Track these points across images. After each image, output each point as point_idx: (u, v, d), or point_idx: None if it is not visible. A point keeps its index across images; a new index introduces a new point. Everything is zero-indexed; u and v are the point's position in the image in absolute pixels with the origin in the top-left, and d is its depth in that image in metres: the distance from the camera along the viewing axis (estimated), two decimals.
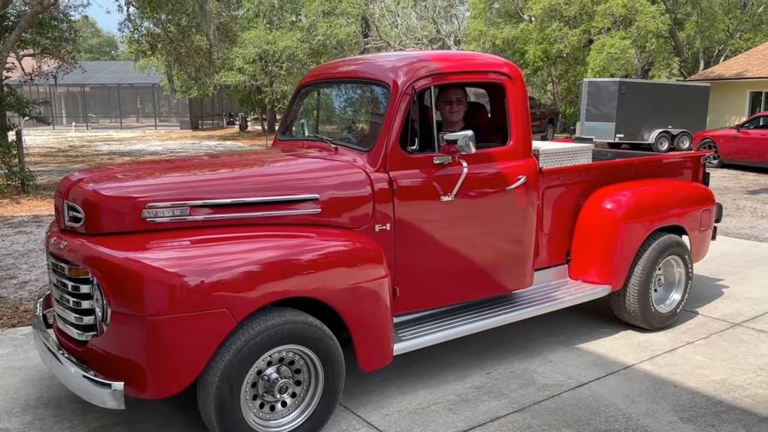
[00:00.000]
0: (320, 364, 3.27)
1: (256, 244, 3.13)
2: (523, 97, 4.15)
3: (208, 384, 2.99)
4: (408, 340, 3.74)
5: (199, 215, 3.23)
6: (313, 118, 4.62)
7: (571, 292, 4.57)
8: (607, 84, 20.61)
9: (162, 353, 2.88)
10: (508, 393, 3.91)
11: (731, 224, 9.15)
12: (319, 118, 4.60)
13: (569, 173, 4.63)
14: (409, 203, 3.72)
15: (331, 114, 4.57)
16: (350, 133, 4.23)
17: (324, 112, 4.57)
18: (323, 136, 4.14)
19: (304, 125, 4.67)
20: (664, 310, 4.92)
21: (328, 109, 4.56)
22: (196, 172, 3.50)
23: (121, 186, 3.23)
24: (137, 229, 3.14)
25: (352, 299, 3.33)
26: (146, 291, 2.85)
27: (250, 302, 2.99)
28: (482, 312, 4.18)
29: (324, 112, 4.57)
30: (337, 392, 3.36)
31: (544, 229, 4.57)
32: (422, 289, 3.89)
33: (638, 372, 4.21)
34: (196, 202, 3.22)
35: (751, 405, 3.78)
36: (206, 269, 2.92)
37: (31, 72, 20.90)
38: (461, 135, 3.69)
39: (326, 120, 4.56)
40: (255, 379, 3.15)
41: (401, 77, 3.74)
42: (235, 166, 3.71)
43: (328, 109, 4.56)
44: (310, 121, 4.63)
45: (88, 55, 57.85)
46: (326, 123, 4.55)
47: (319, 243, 3.32)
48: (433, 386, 4.00)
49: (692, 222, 5.11)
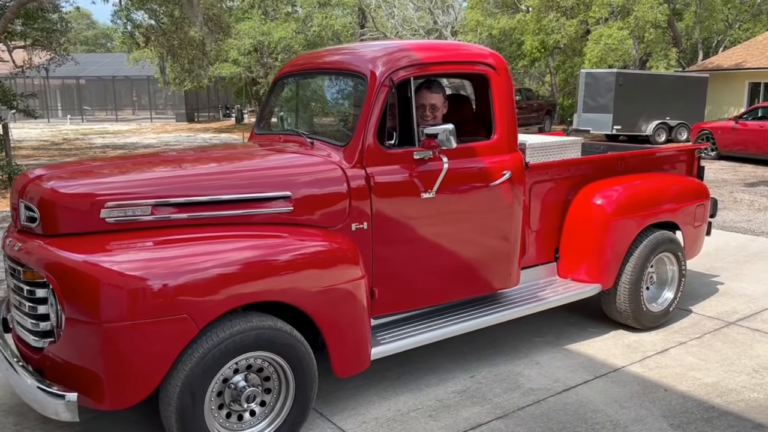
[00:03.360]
0: (291, 371, 3.11)
1: (220, 245, 2.96)
2: (509, 89, 3.97)
3: (169, 394, 2.83)
4: (387, 344, 3.58)
5: (161, 214, 3.06)
6: (291, 111, 4.44)
7: (559, 291, 4.41)
8: (605, 75, 20.38)
9: (118, 362, 2.72)
10: (492, 398, 3.75)
11: (728, 217, 8.98)
12: (297, 111, 4.42)
13: (557, 168, 4.46)
14: (387, 201, 3.55)
15: (309, 107, 4.39)
16: (327, 127, 4.05)
17: (302, 105, 4.39)
18: (300, 130, 3.96)
19: (282, 118, 4.49)
20: (656, 309, 4.76)
21: (306, 101, 4.38)
22: (159, 169, 3.32)
23: (79, 184, 3.05)
24: (96, 229, 2.97)
25: (325, 302, 3.17)
26: (100, 296, 2.68)
27: (212, 307, 2.82)
28: (466, 313, 4.02)
29: (302, 105, 4.39)
30: (309, 400, 3.20)
31: (531, 226, 4.40)
32: (402, 290, 3.72)
33: (628, 375, 4.05)
34: (158, 201, 3.05)
35: (745, 410, 3.63)
36: (165, 273, 2.75)
37: (23, 64, 20.66)
38: (441, 129, 3.52)
39: (304, 113, 4.38)
40: (221, 388, 2.98)
41: (379, 68, 3.57)
42: (202, 162, 3.53)
43: (306, 101, 4.38)
44: (288, 114, 4.45)
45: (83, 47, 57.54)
46: (304, 116, 4.37)
47: (289, 243, 3.15)
48: (414, 391, 3.84)
49: (686, 218, 4.94)
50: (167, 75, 27.39)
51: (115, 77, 40.42)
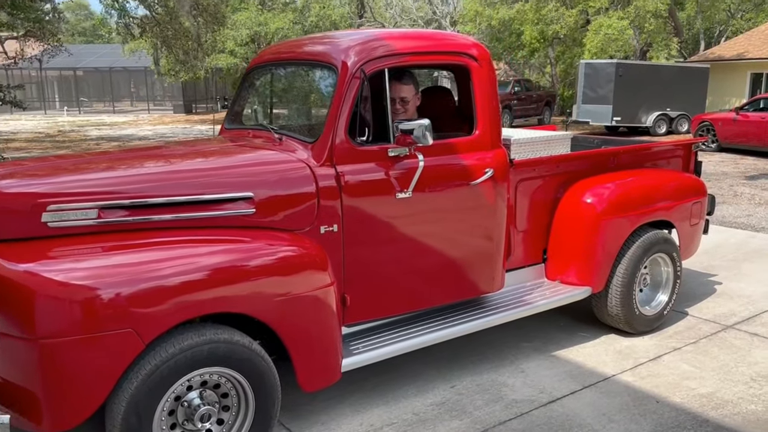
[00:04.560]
0: (250, 387, 2.88)
1: (171, 252, 2.73)
2: (491, 81, 3.72)
3: (113, 413, 2.60)
4: (360, 354, 3.35)
5: (109, 218, 2.82)
6: (263, 104, 4.20)
7: (546, 294, 4.17)
8: (604, 66, 20.10)
9: (56, 381, 2.49)
10: (472, 411, 3.53)
11: (727, 212, 8.73)
12: (269, 105, 4.18)
13: (545, 164, 4.21)
14: (359, 201, 3.32)
15: (280, 100, 4.14)
16: (297, 121, 3.81)
17: (273, 98, 4.14)
18: (269, 125, 3.72)
19: (255, 112, 4.25)
20: (649, 312, 4.53)
21: (279, 93, 4.13)
22: (109, 168, 3.07)
23: (19, 184, 2.81)
24: (38, 234, 2.74)
25: (288, 312, 2.93)
26: (35, 310, 2.45)
27: (159, 321, 2.59)
28: (448, 319, 3.78)
29: (273, 98, 4.14)
30: (270, 418, 2.97)
31: (517, 226, 4.16)
32: (377, 296, 3.49)
33: (618, 384, 3.83)
34: (106, 203, 2.82)
35: (741, 424, 3.40)
36: (107, 283, 2.51)
37: (15, 56, 20.37)
38: (417, 124, 3.27)
39: (275, 107, 4.14)
40: (173, 406, 2.76)
41: (351, 58, 3.32)
42: (158, 160, 3.29)
43: (278, 93, 4.13)
44: (259, 107, 4.21)
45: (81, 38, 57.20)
46: (275, 110, 4.12)
47: (250, 249, 2.91)
48: (390, 403, 3.61)
49: (681, 216, 4.69)
50: (161, 66, 27.08)
51: (113, 68, 40.10)
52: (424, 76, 14.15)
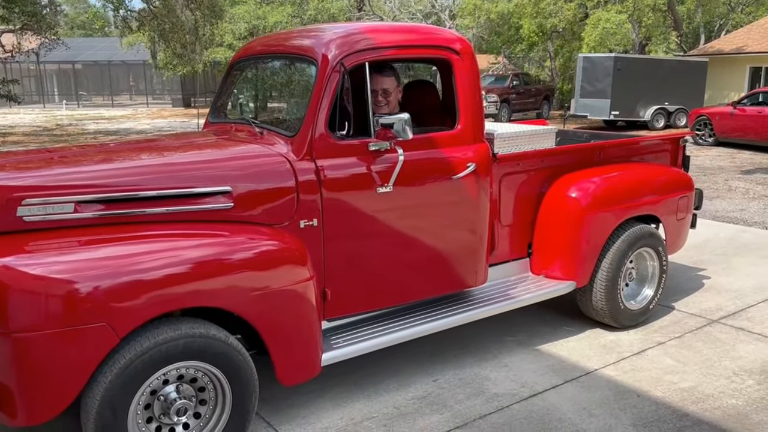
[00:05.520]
0: (227, 381, 2.88)
1: (146, 245, 2.73)
2: (473, 76, 3.72)
3: (88, 407, 2.61)
4: (341, 348, 3.35)
5: (86, 212, 2.82)
6: (246, 98, 4.19)
7: (531, 288, 4.18)
8: (602, 59, 20.06)
9: (30, 374, 2.49)
10: (453, 404, 3.53)
11: (720, 206, 8.72)
12: (251, 99, 4.17)
13: (529, 159, 4.20)
14: (339, 195, 3.31)
15: (263, 93, 4.14)
16: (278, 115, 3.80)
17: (256, 92, 4.14)
18: (250, 119, 3.72)
19: (240, 105, 4.25)
20: (634, 306, 4.53)
21: (261, 87, 4.12)
22: (87, 162, 3.07)
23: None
24: (13, 228, 2.73)
25: (266, 307, 2.93)
26: (8, 303, 2.45)
27: (134, 315, 2.59)
28: (430, 313, 3.79)
29: (256, 92, 4.14)
30: (247, 412, 2.98)
31: (501, 220, 4.16)
32: (358, 290, 3.49)
33: (600, 378, 3.83)
34: (82, 197, 2.81)
35: (721, 418, 3.41)
36: (81, 277, 2.51)
37: (12, 49, 20.33)
38: (397, 118, 3.27)
39: (258, 100, 4.13)
40: (149, 400, 2.76)
41: (331, 51, 3.31)
42: (135, 154, 3.28)
43: (260, 87, 4.13)
44: (243, 101, 4.20)
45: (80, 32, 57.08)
46: (258, 104, 4.12)
47: (226, 243, 2.91)
48: (371, 397, 3.62)
49: (668, 211, 4.69)
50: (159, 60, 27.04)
51: (111, 62, 40.04)
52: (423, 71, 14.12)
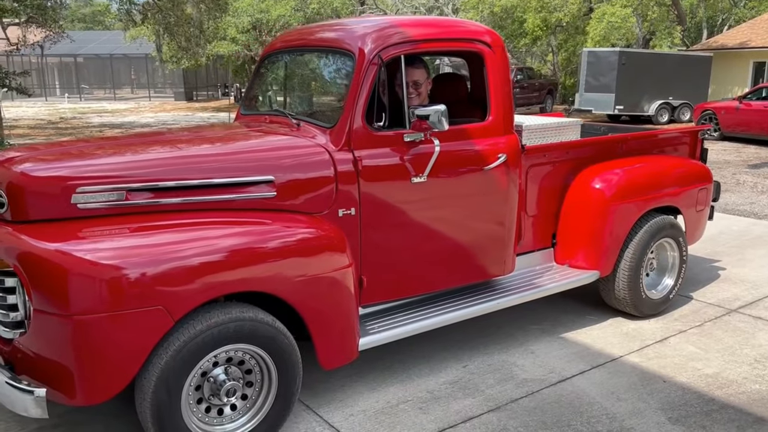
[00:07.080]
0: (273, 364, 2.98)
1: (197, 232, 2.81)
2: (504, 68, 3.80)
3: (144, 389, 2.70)
4: (376, 333, 3.45)
5: (136, 200, 2.91)
6: (279, 90, 4.27)
7: (555, 278, 4.27)
8: (607, 54, 20.11)
9: (89, 356, 2.58)
10: (485, 389, 3.63)
11: (730, 200, 8.81)
12: (285, 91, 4.25)
13: (555, 151, 4.29)
14: (376, 185, 3.40)
15: (296, 86, 4.21)
16: (315, 107, 3.88)
17: (290, 84, 4.21)
18: (286, 111, 3.80)
19: (270, 98, 4.32)
20: (655, 296, 4.62)
21: (295, 80, 4.20)
22: (135, 152, 3.16)
23: (50, 167, 2.88)
24: (68, 215, 2.82)
25: (309, 292, 3.03)
26: (69, 287, 2.54)
27: (188, 299, 2.68)
28: (460, 301, 3.88)
29: (290, 84, 4.21)
30: (292, 394, 3.07)
31: (527, 210, 4.25)
32: (392, 278, 3.58)
33: (626, 365, 3.93)
34: (133, 186, 2.90)
35: (746, 403, 3.50)
36: (137, 262, 2.60)
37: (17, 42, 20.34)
38: (433, 110, 3.35)
39: (292, 92, 4.21)
40: (199, 382, 2.85)
41: (368, 45, 3.39)
42: (180, 144, 3.36)
43: (294, 80, 4.20)
44: (275, 93, 4.28)
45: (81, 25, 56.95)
46: (292, 96, 4.19)
47: (272, 230, 3.00)
48: (405, 381, 3.71)
49: (688, 202, 4.78)
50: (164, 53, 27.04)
51: (113, 55, 39.98)
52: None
